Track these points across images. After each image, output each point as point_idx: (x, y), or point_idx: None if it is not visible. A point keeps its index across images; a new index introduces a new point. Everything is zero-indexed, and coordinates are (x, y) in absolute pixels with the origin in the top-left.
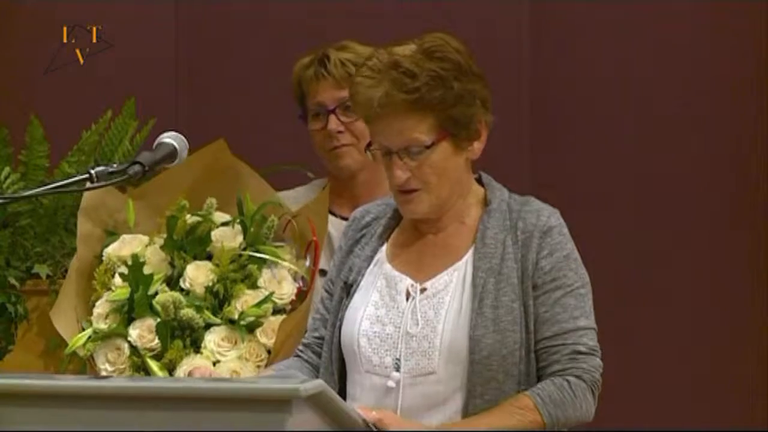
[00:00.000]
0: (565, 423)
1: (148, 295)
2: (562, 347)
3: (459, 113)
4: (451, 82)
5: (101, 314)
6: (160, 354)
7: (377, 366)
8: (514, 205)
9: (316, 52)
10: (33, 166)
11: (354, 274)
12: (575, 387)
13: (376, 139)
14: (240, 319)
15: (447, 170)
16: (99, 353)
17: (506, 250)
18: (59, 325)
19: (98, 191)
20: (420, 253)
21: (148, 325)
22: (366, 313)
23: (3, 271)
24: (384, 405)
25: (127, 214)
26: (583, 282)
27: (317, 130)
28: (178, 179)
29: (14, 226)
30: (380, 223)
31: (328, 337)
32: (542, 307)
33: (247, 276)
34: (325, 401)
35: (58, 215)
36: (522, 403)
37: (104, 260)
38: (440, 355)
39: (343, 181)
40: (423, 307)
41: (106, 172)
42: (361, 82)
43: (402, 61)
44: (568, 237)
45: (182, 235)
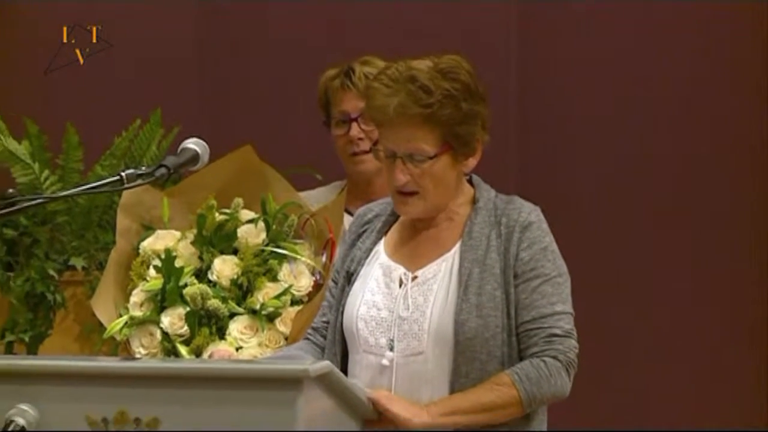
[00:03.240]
0: (541, 399)
1: (179, 286)
2: (540, 330)
3: (463, 131)
4: (460, 102)
5: (137, 302)
6: (189, 340)
7: (373, 346)
8: (499, 204)
9: (341, 65)
10: (69, 169)
11: (355, 265)
12: (551, 366)
13: (383, 142)
14: (261, 309)
15: (443, 180)
16: (134, 338)
17: (490, 243)
18: (99, 312)
19: (136, 190)
20: (414, 245)
21: (179, 313)
22: (364, 299)
23: (43, 263)
24: (379, 382)
25: (161, 210)
26: (560, 272)
27: (340, 135)
28: (209, 180)
29: (53, 223)
30: (381, 219)
31: (332, 321)
32: (522, 294)
33: (269, 270)
34: (332, 381)
35: (92, 213)
36: (501, 381)
37: (140, 253)
38: (428, 337)
39: (360, 184)
40: (414, 293)
41: (135, 174)
42: (378, 88)
43: (419, 76)
44: (546, 231)
45: (211, 232)
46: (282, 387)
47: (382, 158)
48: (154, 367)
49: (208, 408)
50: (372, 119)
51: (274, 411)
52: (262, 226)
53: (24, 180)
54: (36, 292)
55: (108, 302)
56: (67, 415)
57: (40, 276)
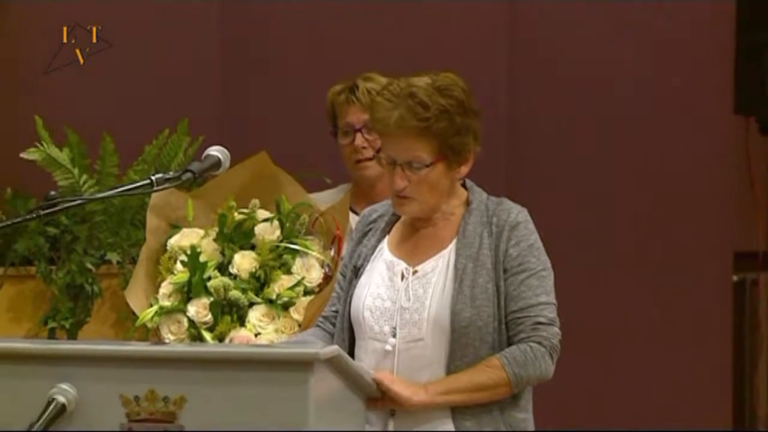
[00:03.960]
0: (527, 380)
1: (203, 279)
2: (527, 319)
3: (456, 143)
4: (455, 116)
5: (165, 294)
6: (212, 326)
7: (378, 333)
8: (491, 205)
9: (347, 82)
10: (105, 173)
11: (361, 260)
12: (536, 351)
13: (385, 150)
14: (277, 299)
15: (437, 185)
16: (163, 325)
17: (483, 241)
18: (132, 302)
19: (164, 192)
20: (414, 243)
21: (203, 303)
22: (369, 291)
23: (81, 258)
24: (383, 365)
25: (187, 211)
26: (545, 266)
27: (346, 144)
28: (228, 183)
29: (90, 222)
30: (384, 219)
31: (340, 311)
32: (511, 287)
33: (283, 264)
34: (340, 363)
35: (125, 213)
36: (492, 364)
37: (168, 249)
38: (427, 325)
39: (363, 187)
40: (414, 286)
41: (163, 178)
42: (381, 102)
43: (418, 92)
44: (532, 230)
45: (231, 229)
46: (295, 369)
47: (384, 165)
48: (181, 350)
49: (230, 387)
50: (375, 130)
51: (287, 390)
52: (277, 224)
53: (65, 183)
54: (76, 284)
55: (140, 293)
56: (103, 394)
57: (79, 269)
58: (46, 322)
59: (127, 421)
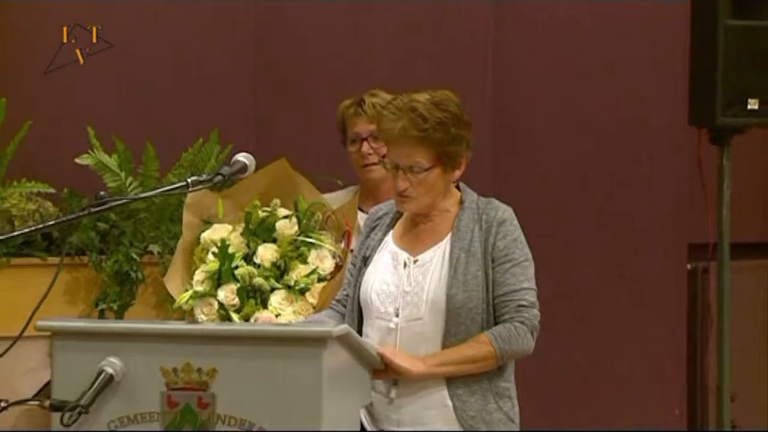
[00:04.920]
0: (511, 354)
1: (231, 268)
2: (511, 302)
3: (451, 150)
4: (450, 128)
5: (199, 280)
6: (239, 309)
7: (383, 313)
8: (481, 204)
9: (355, 97)
10: (148, 176)
11: (369, 251)
12: (519, 329)
13: (389, 156)
14: (295, 285)
15: (434, 187)
16: (197, 307)
17: (474, 235)
18: (170, 287)
19: (198, 192)
20: (415, 236)
21: (231, 288)
22: (376, 277)
23: (127, 249)
24: (387, 341)
25: (217, 209)
26: (527, 257)
27: (354, 151)
28: (253, 185)
29: (135, 218)
30: (389, 216)
31: (351, 294)
32: (497, 275)
33: (300, 255)
34: (349, 340)
35: (165, 210)
36: (481, 339)
37: (201, 242)
38: (426, 306)
39: (370, 188)
40: (415, 273)
41: (197, 180)
42: (386, 115)
43: (418, 106)
44: (516, 226)
45: (255, 225)
46: (311, 344)
47: (388, 168)
48: (213, 329)
49: (254, 360)
50: (381, 138)
51: (304, 363)
52: (295, 220)
53: (113, 185)
54: (122, 271)
55: (177, 280)
56: (145, 366)
57: (125, 259)
58: (97, 304)
59: (167, 389)
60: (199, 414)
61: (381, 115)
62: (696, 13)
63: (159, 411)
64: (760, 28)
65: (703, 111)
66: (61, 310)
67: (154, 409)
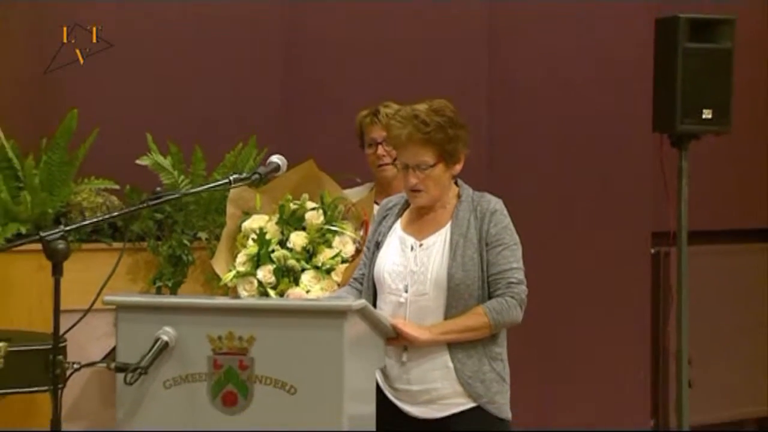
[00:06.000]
0: (503, 324)
1: (268, 251)
2: (502, 280)
3: (451, 148)
4: (448, 129)
5: (241, 262)
6: (275, 286)
7: (394, 290)
8: (476, 197)
9: (370, 108)
10: (196, 174)
11: (381, 237)
12: (509, 302)
13: (400, 158)
14: (322, 266)
15: (440, 181)
16: (239, 285)
17: (470, 223)
18: (216, 268)
19: (239, 188)
20: (420, 223)
21: (269, 269)
22: (388, 259)
23: (180, 236)
24: (398, 313)
25: (255, 202)
26: (516, 242)
27: (370, 154)
28: (285, 182)
29: (186, 210)
30: (397, 207)
31: (366, 274)
32: (491, 256)
33: (326, 241)
34: (366, 312)
35: (211, 203)
36: (477, 312)
37: (242, 230)
38: (430, 283)
39: (383, 185)
40: (420, 255)
41: (238, 178)
42: (394, 124)
43: (419, 114)
44: (506, 215)
45: (288, 216)
46: (334, 316)
47: (400, 168)
48: (252, 303)
49: (287, 329)
50: (391, 144)
51: (328, 332)
52: (321, 212)
53: (167, 181)
54: (176, 255)
55: (222, 261)
56: (194, 334)
57: (178, 244)
58: (155, 282)
59: (213, 353)
60: (240, 374)
61: (390, 125)
62: (659, 37)
63: (206, 372)
64: (713, 50)
65: (664, 119)
66: (124, 287)
67: (201, 371)
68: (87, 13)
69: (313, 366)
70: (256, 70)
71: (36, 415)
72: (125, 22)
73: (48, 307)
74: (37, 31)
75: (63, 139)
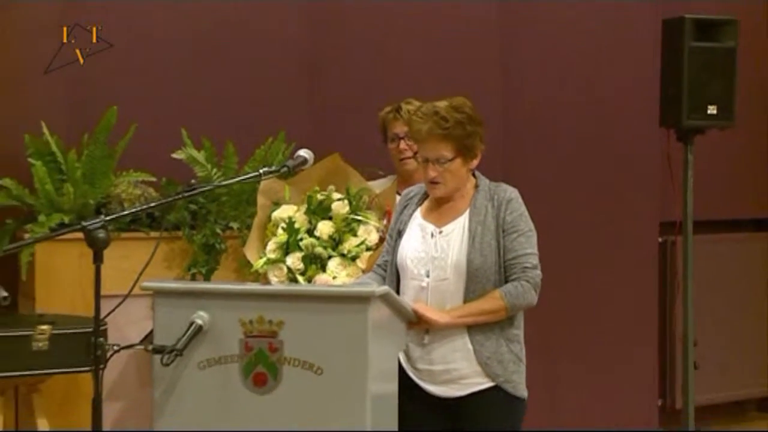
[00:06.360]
0: (519, 307)
1: (297, 240)
2: (518, 264)
3: (468, 143)
4: (466, 126)
5: (271, 249)
6: (303, 272)
7: (416, 275)
8: (492, 187)
9: (392, 104)
10: (228, 168)
11: (402, 225)
12: (524, 286)
13: (421, 152)
14: (347, 253)
15: (457, 174)
16: (270, 271)
17: (487, 211)
18: (248, 255)
19: (269, 180)
20: (440, 212)
21: (297, 256)
22: (410, 246)
23: (213, 225)
24: (419, 298)
25: (284, 193)
26: (530, 228)
27: (392, 148)
28: (312, 174)
29: (219, 201)
30: (417, 196)
31: (390, 261)
32: (507, 242)
33: (351, 229)
34: (389, 297)
35: (243, 195)
36: (494, 295)
37: (272, 220)
38: (450, 269)
39: (405, 177)
40: (440, 242)
41: (268, 171)
42: (416, 120)
43: (440, 110)
44: (521, 203)
45: (315, 206)
46: (358, 302)
47: (420, 162)
48: (282, 288)
49: (314, 314)
50: (412, 138)
51: (353, 316)
52: (347, 202)
53: (201, 174)
54: (209, 243)
55: (253, 249)
56: (227, 318)
57: (211, 233)
58: (189, 269)
59: (244, 336)
60: (269, 356)
61: (412, 121)
62: (666, 36)
63: (238, 354)
64: (717, 48)
65: (671, 115)
66: (161, 274)
67: (233, 353)
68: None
69: (339, 348)
70: (285, 69)
71: (78, 394)
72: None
73: (89, 292)
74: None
75: (103, 134)
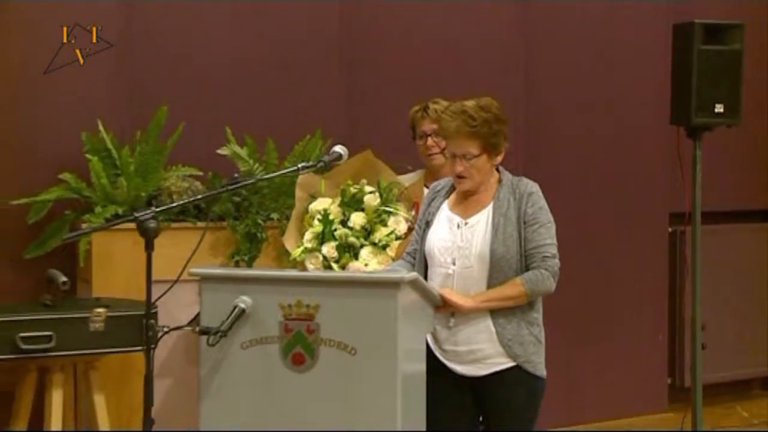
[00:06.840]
0: (538, 293)
1: (332, 230)
2: (538, 254)
3: (494, 141)
4: (492, 124)
5: (308, 239)
6: (338, 260)
7: (443, 263)
8: (514, 181)
9: (421, 104)
10: (269, 163)
11: (430, 216)
12: (544, 274)
13: (449, 148)
14: (378, 243)
15: (483, 169)
16: (307, 259)
17: (510, 204)
18: (287, 244)
19: (306, 174)
20: (465, 204)
21: (332, 245)
22: (437, 236)
23: (255, 216)
24: (446, 284)
25: (320, 187)
26: (550, 220)
27: (421, 144)
28: (347, 169)
29: (261, 194)
30: (445, 189)
31: (418, 249)
32: (528, 233)
33: (382, 220)
34: (417, 283)
35: (282, 188)
36: (515, 282)
37: (309, 211)
38: (475, 258)
39: (432, 171)
40: (465, 232)
41: (306, 166)
42: (445, 117)
43: (468, 109)
44: (541, 197)
45: (349, 198)
46: (389, 287)
47: (448, 157)
48: (318, 275)
49: (348, 298)
50: (441, 135)
51: (384, 301)
52: (378, 195)
53: (244, 169)
54: (251, 232)
55: (291, 239)
56: (267, 302)
57: (253, 223)
58: (233, 257)
59: (284, 319)
60: (307, 337)
61: (440, 118)
62: (677, 40)
63: (277, 335)
64: (724, 51)
65: (681, 113)
66: (207, 261)
67: (274, 334)
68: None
69: (371, 330)
70: (321, 71)
71: (131, 372)
72: (207, 32)
73: (141, 278)
74: (126, 35)
75: (154, 132)
